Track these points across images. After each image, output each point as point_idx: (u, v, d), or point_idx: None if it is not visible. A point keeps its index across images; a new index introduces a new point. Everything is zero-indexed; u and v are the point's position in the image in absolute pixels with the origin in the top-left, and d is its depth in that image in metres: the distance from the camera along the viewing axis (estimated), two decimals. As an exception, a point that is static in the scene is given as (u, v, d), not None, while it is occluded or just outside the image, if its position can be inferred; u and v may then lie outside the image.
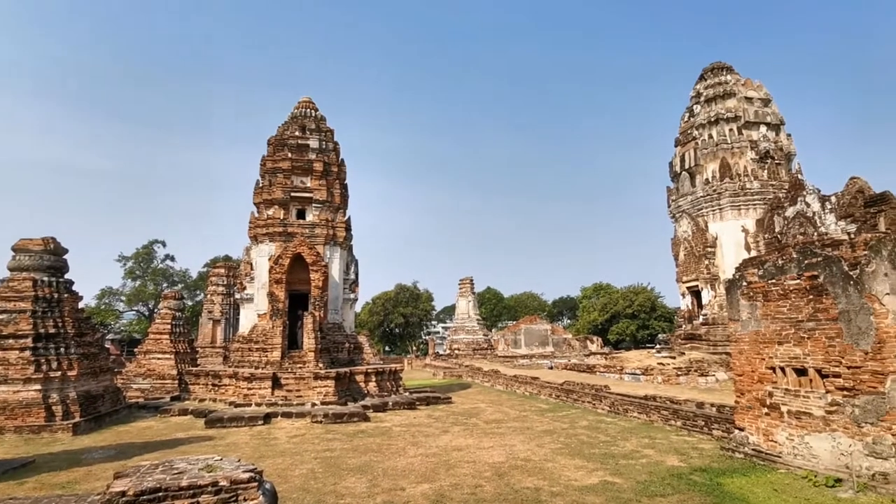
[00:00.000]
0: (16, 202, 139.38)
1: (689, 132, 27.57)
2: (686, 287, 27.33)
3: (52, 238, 16.20)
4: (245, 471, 4.73)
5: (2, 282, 15.53)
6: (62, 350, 14.99)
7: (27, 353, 14.32)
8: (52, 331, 15.06)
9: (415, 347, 73.03)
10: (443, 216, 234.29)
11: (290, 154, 21.90)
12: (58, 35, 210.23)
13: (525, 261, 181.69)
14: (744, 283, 10.17)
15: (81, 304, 17.33)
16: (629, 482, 8.47)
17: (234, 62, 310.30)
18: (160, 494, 4.32)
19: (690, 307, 27.28)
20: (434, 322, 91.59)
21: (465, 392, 23.54)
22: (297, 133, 22.68)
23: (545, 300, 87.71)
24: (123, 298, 56.01)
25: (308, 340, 18.79)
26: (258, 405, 16.83)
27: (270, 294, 19.62)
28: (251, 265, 21.51)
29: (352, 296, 22.46)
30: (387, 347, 72.27)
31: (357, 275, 22.96)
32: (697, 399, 13.87)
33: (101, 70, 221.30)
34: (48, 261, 15.91)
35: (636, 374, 22.30)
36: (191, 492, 4.39)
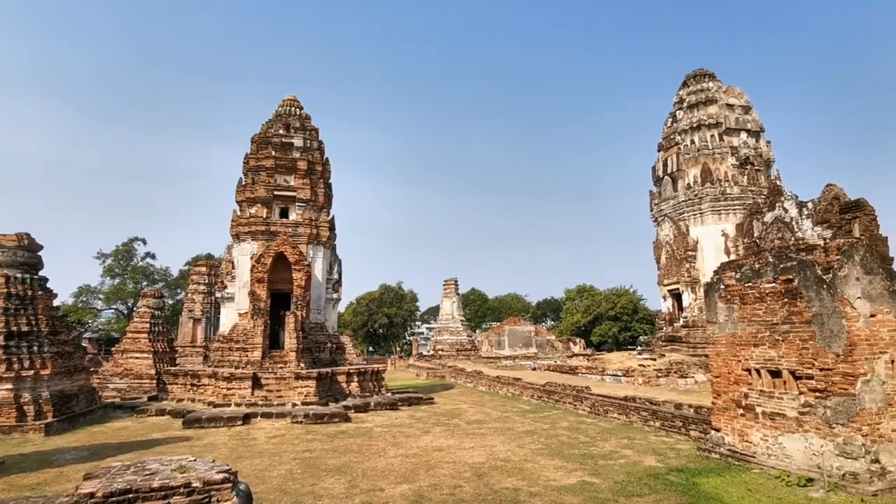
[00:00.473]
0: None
1: (672, 137, 27.94)
2: (667, 290, 27.68)
3: (27, 234, 15.85)
4: (219, 472, 4.68)
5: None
6: (35, 349, 14.67)
7: (-1, 352, 13.98)
8: (25, 329, 14.73)
9: (398, 348, 72.89)
10: (428, 217, 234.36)
11: (274, 152, 21.71)
12: (37, 30, 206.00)
13: (510, 262, 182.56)
14: (721, 287, 10.32)
15: (57, 302, 16.98)
16: (607, 482, 8.54)
17: (221, 59, 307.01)
18: (130, 496, 4.24)
19: (671, 310, 27.63)
20: (418, 323, 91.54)
21: (448, 393, 23.54)
22: (282, 131, 22.50)
23: (529, 302, 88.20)
24: (101, 296, 55.05)
25: (289, 340, 18.63)
26: (238, 405, 16.64)
27: (252, 293, 19.42)
28: (233, 264, 21.27)
29: (335, 296, 22.33)
30: (370, 348, 72.01)
31: (340, 274, 22.85)
32: (676, 400, 14.04)
33: (81, 65, 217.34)
34: (21, 257, 15.56)
35: (617, 376, 22.51)
36: (162, 493, 4.32)
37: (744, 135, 26.46)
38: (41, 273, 16.24)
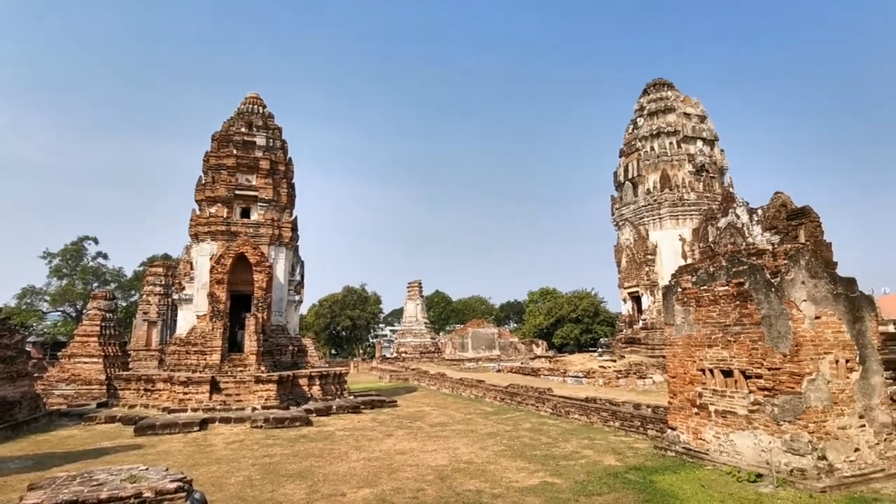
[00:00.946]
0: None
1: (633, 143, 28.68)
2: (627, 293, 28.36)
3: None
4: (173, 480, 4.52)
5: None
6: (-26, 353, 13.86)
7: (-67, 357, 13.14)
8: (-37, 332, 13.90)
9: (362, 351, 72.18)
10: (393, 218, 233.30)
11: (236, 151, 21.20)
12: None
13: (474, 265, 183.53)
14: (679, 290, 10.65)
15: (-2, 304, 16.07)
16: (568, 482, 8.67)
17: (180, 57, 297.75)
18: (77, 507, 4.05)
19: (631, 312, 28.32)
20: (382, 325, 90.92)
21: (411, 395, 23.45)
22: (244, 129, 21.99)
23: (493, 304, 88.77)
24: (48, 298, 52.38)
25: (250, 343, 18.20)
26: (194, 410, 16.12)
27: (211, 295, 18.87)
28: (191, 264, 20.63)
29: (297, 297, 21.94)
30: (333, 350, 71.07)
31: (303, 276, 22.46)
32: (635, 401, 14.39)
33: (32, 60, 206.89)
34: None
35: (579, 377, 22.90)
36: (111, 504, 4.15)
37: (700, 143, 27.42)
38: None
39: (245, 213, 21.18)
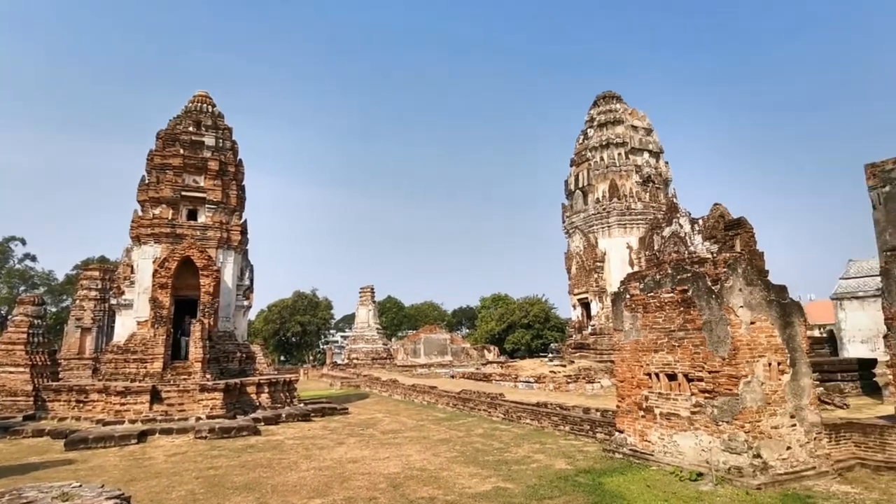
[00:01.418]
0: None
1: (584, 153, 29.52)
2: (577, 299, 29.07)
3: None
4: (109, 497, 4.27)
5: None
6: None
7: None
8: None
9: (312, 357, 70.74)
10: (345, 223, 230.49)
11: (183, 150, 20.39)
12: None
13: (427, 271, 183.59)
14: (627, 296, 11.01)
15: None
16: (520, 487, 8.77)
17: (122, 54, 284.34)
18: (2, 528, 3.76)
19: (581, 318, 29.03)
20: (333, 331, 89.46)
21: (363, 402, 23.15)
22: (192, 128, 21.19)
23: (445, 310, 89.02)
24: (-32, 303, 48.65)
25: (195, 350, 17.47)
26: (132, 422, 15.30)
27: (154, 300, 18.01)
28: (132, 268, 19.64)
29: (245, 303, 21.28)
30: (282, 357, 69.28)
31: (252, 281, 21.82)
32: (584, 405, 14.72)
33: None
34: None
35: (529, 382, 23.23)
36: (41, 523, 3.88)
37: (646, 154, 28.53)
38: None
39: (192, 215, 20.39)
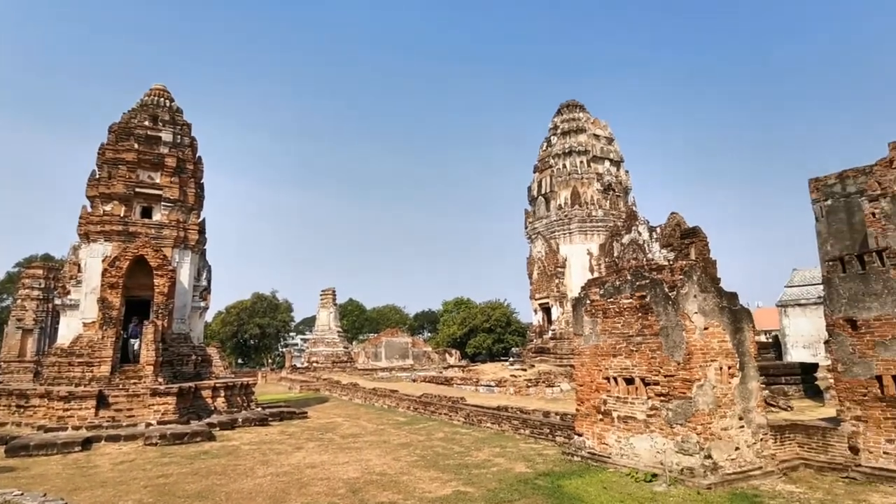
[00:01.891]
0: None
1: (547, 160, 30.00)
2: (538, 304, 29.46)
3: None
4: (53, 506, 4.05)
5: None
6: None
7: None
8: None
9: (271, 360, 69.25)
10: (306, 225, 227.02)
11: (138, 145, 19.64)
12: None
13: (389, 274, 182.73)
14: (588, 301, 11.24)
15: None
16: (480, 491, 8.81)
17: (68, 44, 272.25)
18: (-69, 543, 3.51)
19: (542, 323, 29.43)
20: (293, 334, 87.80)
21: (323, 406, 22.79)
22: (148, 123, 20.44)
23: (407, 313, 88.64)
24: None
25: (147, 353, 16.79)
26: (76, 429, 14.58)
27: (102, 300, 17.24)
28: (79, 266, 18.73)
29: (202, 304, 20.62)
30: (240, 360, 67.56)
31: (210, 282, 21.17)
32: (545, 409, 14.93)
33: None
34: None
35: (490, 386, 23.39)
36: (-24, 536, 3.64)
37: (607, 163, 29.24)
38: None
39: (146, 213, 19.64)
